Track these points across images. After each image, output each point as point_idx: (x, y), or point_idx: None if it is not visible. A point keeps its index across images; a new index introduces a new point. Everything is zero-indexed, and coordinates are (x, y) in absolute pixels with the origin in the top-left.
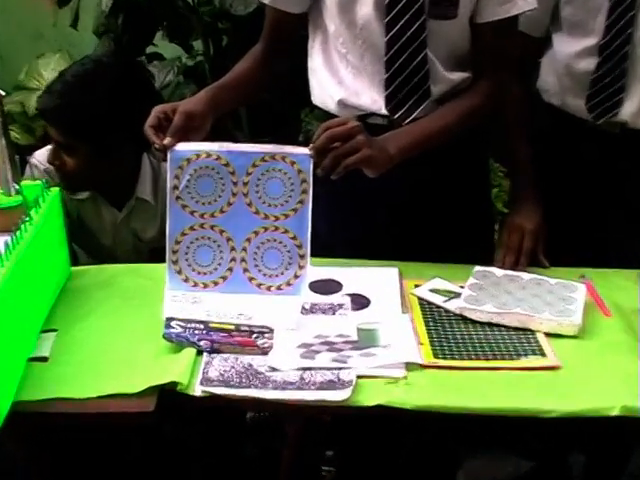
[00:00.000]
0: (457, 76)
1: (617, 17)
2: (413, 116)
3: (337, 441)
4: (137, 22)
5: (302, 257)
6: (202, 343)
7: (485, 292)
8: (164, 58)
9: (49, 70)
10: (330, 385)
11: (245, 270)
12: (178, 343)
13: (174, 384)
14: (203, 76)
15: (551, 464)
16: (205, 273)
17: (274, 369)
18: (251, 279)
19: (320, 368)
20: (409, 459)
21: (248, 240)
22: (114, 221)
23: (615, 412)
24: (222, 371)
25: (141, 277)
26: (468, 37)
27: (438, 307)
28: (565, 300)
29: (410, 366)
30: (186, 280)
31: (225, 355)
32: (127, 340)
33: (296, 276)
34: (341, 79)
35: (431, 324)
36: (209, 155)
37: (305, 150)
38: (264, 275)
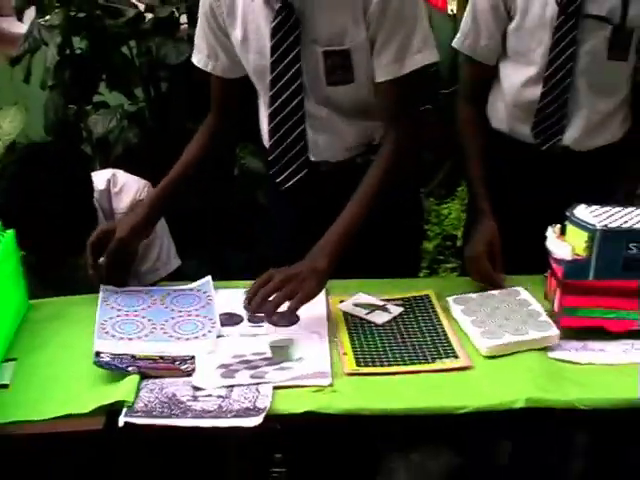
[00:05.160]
0: None
1: (560, 51)
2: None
3: (287, 445)
4: (82, 75)
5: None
6: (130, 369)
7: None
8: (109, 106)
9: (7, 122)
10: (246, 412)
11: (165, 333)
12: (108, 369)
13: (120, 403)
14: (144, 120)
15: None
16: (131, 337)
17: (198, 389)
18: (170, 336)
19: (240, 385)
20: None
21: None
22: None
23: (520, 404)
24: (147, 401)
25: (95, 306)
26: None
27: (361, 319)
28: (532, 315)
29: (335, 374)
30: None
31: (152, 386)
32: (80, 366)
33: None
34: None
35: (354, 336)
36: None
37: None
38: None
